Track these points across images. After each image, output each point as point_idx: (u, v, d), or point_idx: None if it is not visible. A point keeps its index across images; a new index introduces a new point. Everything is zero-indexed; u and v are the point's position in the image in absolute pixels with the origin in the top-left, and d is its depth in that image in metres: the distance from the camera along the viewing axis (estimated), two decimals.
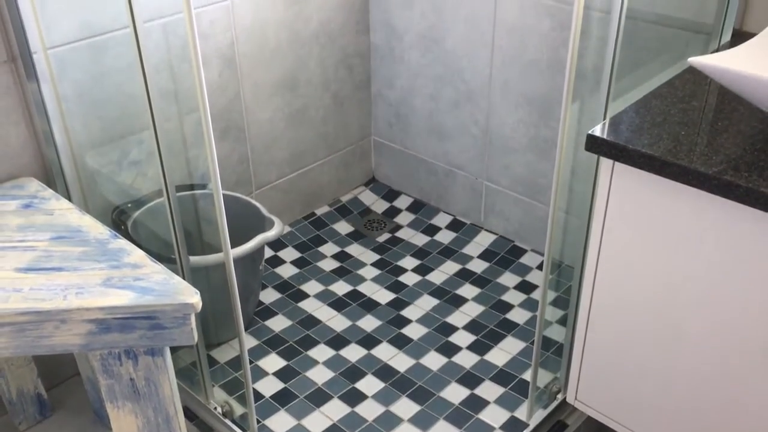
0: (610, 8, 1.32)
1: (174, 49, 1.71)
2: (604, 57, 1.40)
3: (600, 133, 1.13)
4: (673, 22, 1.55)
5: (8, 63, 1.44)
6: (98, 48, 1.59)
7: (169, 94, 1.74)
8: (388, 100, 2.30)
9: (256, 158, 2.10)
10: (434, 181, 2.31)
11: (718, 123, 1.16)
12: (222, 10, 1.83)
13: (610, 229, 1.21)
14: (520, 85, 1.94)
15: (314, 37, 2.08)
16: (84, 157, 1.62)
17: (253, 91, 2.00)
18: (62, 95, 1.54)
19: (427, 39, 2.09)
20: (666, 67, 1.42)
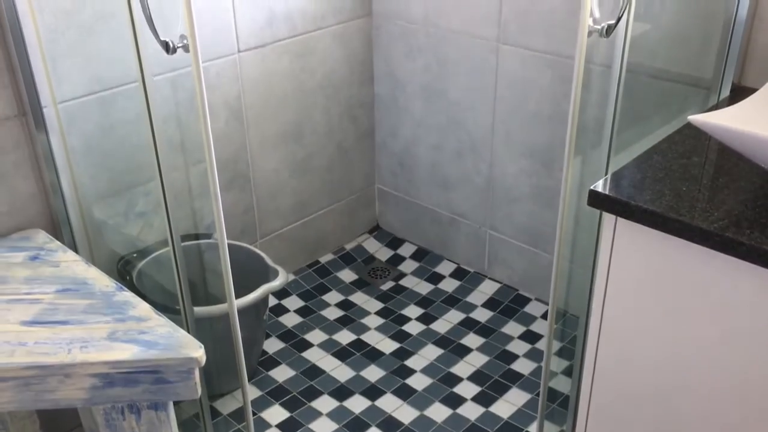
0: (610, 62, 1.34)
1: (182, 102, 1.73)
2: (605, 110, 1.42)
3: (602, 189, 1.14)
4: (673, 76, 1.57)
5: (19, 117, 1.46)
6: (107, 101, 1.62)
7: (176, 144, 1.77)
8: (392, 149, 2.33)
9: (261, 207, 2.11)
10: (438, 230, 2.32)
11: (719, 179, 1.17)
12: (229, 63, 1.87)
13: (614, 282, 1.21)
14: (522, 135, 1.97)
15: (319, 88, 2.12)
16: (91, 209, 1.64)
17: (258, 141, 2.02)
18: (71, 148, 1.56)
19: (430, 90, 2.12)
20: (667, 121, 1.44)
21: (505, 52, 1.91)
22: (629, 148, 1.37)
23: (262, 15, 1.89)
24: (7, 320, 1.23)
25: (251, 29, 1.88)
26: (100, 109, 1.61)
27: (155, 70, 1.39)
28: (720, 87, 1.49)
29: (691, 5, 1.54)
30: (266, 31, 1.91)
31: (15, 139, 1.47)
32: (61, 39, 1.50)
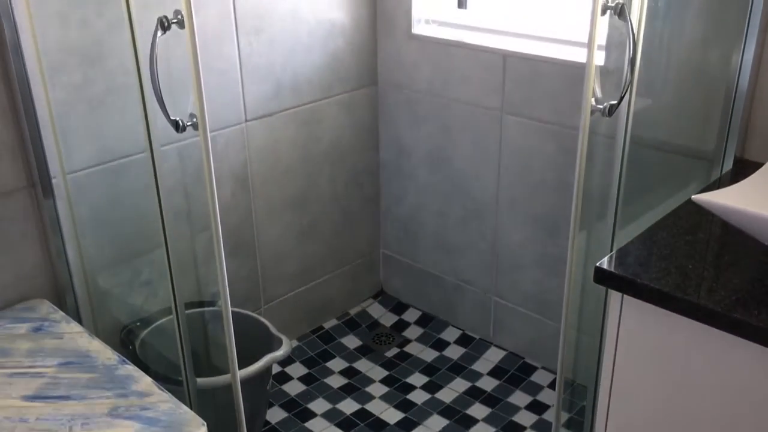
0: (614, 133, 1.36)
1: (189, 171, 1.75)
2: (609, 182, 1.43)
3: (608, 266, 1.14)
4: (676, 148, 1.59)
5: (28, 188, 1.48)
6: (115, 172, 1.63)
7: (182, 213, 1.78)
8: (396, 215, 2.34)
9: (266, 273, 2.11)
10: (443, 295, 2.31)
11: (725, 256, 1.17)
12: (236, 133, 1.89)
13: (622, 354, 1.20)
14: (526, 203, 1.98)
15: (325, 155, 2.14)
16: (96, 277, 1.64)
17: (264, 209, 2.03)
18: (78, 217, 1.58)
19: (435, 157, 2.14)
20: (671, 194, 1.45)
21: (509, 121, 1.93)
22: (634, 221, 1.37)
23: (269, 86, 1.92)
24: (9, 395, 1.22)
25: (259, 100, 1.91)
26: (108, 179, 1.63)
27: (163, 140, 1.41)
28: (722, 160, 1.51)
29: (692, 80, 1.56)
30: (273, 101, 1.95)
31: (23, 210, 1.48)
32: (72, 112, 1.53)
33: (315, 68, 2.02)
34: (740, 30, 1.45)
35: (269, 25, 1.87)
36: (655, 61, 1.46)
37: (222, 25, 1.77)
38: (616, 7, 1.08)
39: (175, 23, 1.05)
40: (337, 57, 2.06)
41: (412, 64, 2.09)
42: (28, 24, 1.40)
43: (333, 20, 2.01)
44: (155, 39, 1.07)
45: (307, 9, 1.94)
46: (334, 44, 2.04)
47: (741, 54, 1.48)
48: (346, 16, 2.04)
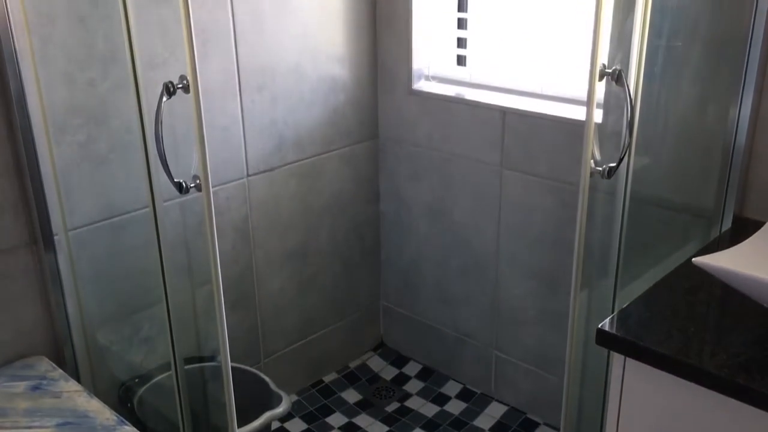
0: (614, 189, 1.37)
1: (190, 225, 1.76)
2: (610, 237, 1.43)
3: (609, 328, 1.13)
4: (675, 206, 1.60)
5: (29, 245, 1.48)
6: (117, 228, 1.64)
7: (183, 268, 1.78)
8: (397, 266, 2.34)
9: (266, 327, 2.10)
10: (444, 349, 2.29)
11: (726, 319, 1.17)
12: (238, 187, 1.90)
13: (626, 414, 1.19)
14: (527, 258, 1.98)
15: (326, 208, 2.15)
16: (95, 334, 1.63)
17: (264, 262, 2.04)
18: (79, 273, 1.58)
19: (435, 210, 2.15)
20: (671, 251, 1.45)
21: (509, 176, 1.95)
22: (635, 280, 1.38)
23: (271, 142, 1.94)
24: None
25: (261, 155, 1.93)
26: (109, 234, 1.64)
27: (165, 195, 1.42)
28: (721, 218, 1.51)
29: (690, 138, 1.58)
30: (275, 156, 1.96)
31: (24, 267, 1.49)
32: (75, 170, 1.54)
33: (316, 123, 2.04)
34: (736, 87, 1.48)
35: (272, 82, 1.90)
36: (652, 120, 1.48)
37: (226, 82, 1.80)
38: (613, 73, 1.10)
39: (180, 88, 1.07)
40: (339, 112, 2.09)
41: (412, 119, 2.12)
42: (34, 84, 1.43)
43: (334, 76, 2.04)
44: (160, 104, 1.08)
45: (309, 66, 1.97)
46: (336, 99, 2.07)
47: (737, 111, 1.50)
48: (347, 72, 2.07)
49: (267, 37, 1.85)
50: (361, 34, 2.07)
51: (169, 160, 1.30)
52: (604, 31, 1.08)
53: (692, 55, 1.52)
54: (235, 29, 1.78)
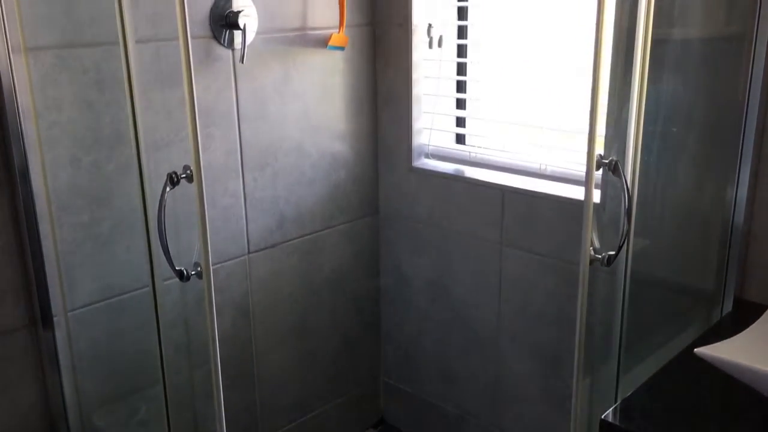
0: (614, 269, 1.37)
1: (190, 302, 1.75)
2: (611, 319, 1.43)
3: (613, 419, 1.12)
4: (676, 287, 1.60)
5: (28, 327, 1.48)
6: (117, 307, 1.64)
7: (182, 347, 1.77)
8: (397, 342, 2.32)
9: (265, 405, 2.07)
10: (445, 426, 2.25)
11: (729, 410, 1.16)
12: (239, 265, 1.91)
13: None
14: (528, 335, 1.97)
15: (326, 283, 2.15)
16: (91, 416, 1.61)
17: (264, 338, 2.02)
18: (77, 355, 1.57)
19: (436, 286, 2.15)
20: (672, 335, 1.45)
21: (508, 253, 1.95)
22: (638, 364, 1.37)
23: (273, 219, 1.96)
24: None
25: (262, 232, 1.94)
26: (109, 314, 1.63)
27: (166, 274, 1.43)
28: (722, 300, 1.51)
29: (688, 220, 1.59)
30: (276, 233, 1.97)
31: (22, 349, 1.48)
32: (77, 250, 1.55)
33: (317, 199, 2.06)
34: (732, 169, 1.50)
35: (274, 160, 1.92)
36: (651, 203, 1.49)
37: (229, 162, 1.82)
38: (610, 163, 1.12)
39: (184, 178, 1.08)
40: (340, 188, 2.11)
41: (412, 195, 2.14)
42: (40, 168, 1.45)
43: (335, 153, 2.07)
44: (164, 195, 1.10)
45: (310, 144, 2.00)
46: (337, 176, 2.09)
47: (734, 192, 1.52)
48: (348, 149, 2.10)
49: (270, 118, 1.88)
50: (362, 111, 2.11)
51: (169, 241, 1.30)
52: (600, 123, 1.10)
53: (688, 139, 1.54)
54: (239, 111, 1.81)
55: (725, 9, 1.50)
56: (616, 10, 1.38)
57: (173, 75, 1.63)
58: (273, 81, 1.87)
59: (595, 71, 1.00)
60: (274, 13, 1.83)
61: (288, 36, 1.88)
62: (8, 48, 1.34)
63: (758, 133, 1.47)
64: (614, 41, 1.41)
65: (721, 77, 1.50)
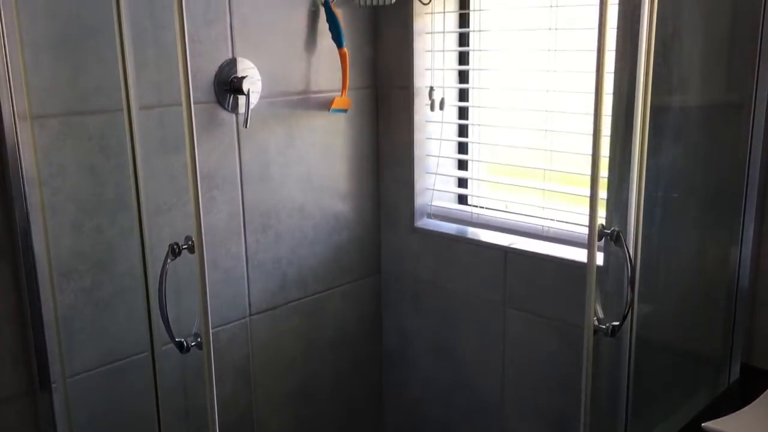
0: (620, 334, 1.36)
1: (189, 366, 1.73)
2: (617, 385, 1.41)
3: None
4: (682, 352, 1.58)
5: (27, 394, 1.46)
6: (116, 372, 1.62)
7: (181, 413, 1.74)
8: (400, 405, 2.28)
9: None
10: None
11: None
12: (240, 327, 1.89)
13: None
14: (533, 399, 1.94)
15: (328, 345, 2.13)
16: None
17: (265, 402, 1.99)
18: (75, 420, 1.54)
19: (438, 347, 2.13)
20: (680, 402, 1.42)
21: (512, 315, 1.94)
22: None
23: (274, 281, 1.95)
24: None
25: (263, 294, 1.93)
26: (108, 379, 1.61)
27: (165, 339, 1.41)
28: (729, 366, 1.49)
29: (693, 284, 1.58)
30: (278, 295, 1.96)
31: (20, 417, 1.46)
32: (77, 316, 1.54)
33: (320, 260, 2.06)
34: (736, 232, 1.49)
35: (276, 221, 1.93)
36: (654, 269, 1.48)
37: (231, 225, 1.82)
38: (612, 233, 1.12)
39: (186, 249, 1.08)
40: (342, 249, 2.11)
41: (414, 255, 2.13)
42: (42, 234, 1.45)
43: (338, 214, 2.07)
44: (165, 266, 1.09)
45: (313, 205, 2.00)
46: (339, 237, 2.09)
47: (738, 257, 1.51)
48: (350, 209, 2.11)
49: (272, 180, 1.89)
50: (364, 172, 2.13)
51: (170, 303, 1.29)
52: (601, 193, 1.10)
53: (690, 204, 1.55)
54: (242, 174, 1.82)
55: (724, 76, 1.51)
56: (615, 77, 1.40)
57: (177, 140, 1.64)
58: (276, 143, 1.89)
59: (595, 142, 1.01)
60: (278, 77, 1.86)
61: (291, 99, 1.90)
62: (14, 115, 1.36)
63: (760, 197, 1.48)
64: (614, 108, 1.42)
65: (722, 143, 1.51)
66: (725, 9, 1.49)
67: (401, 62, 2.02)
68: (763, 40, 1.41)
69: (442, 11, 1.98)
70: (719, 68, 1.51)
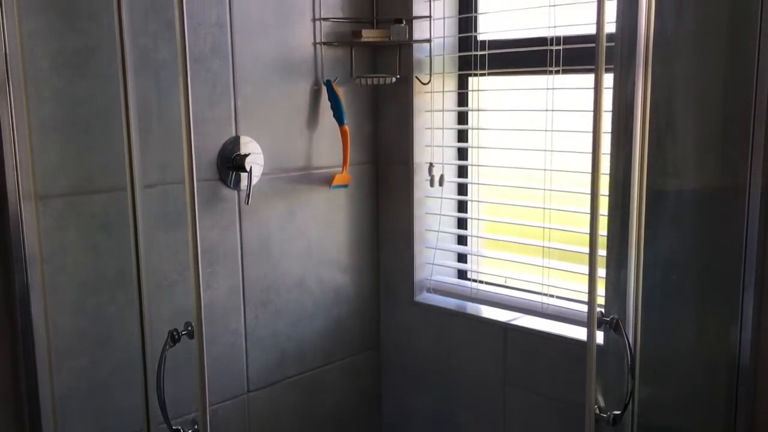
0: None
1: None
2: None
3: None
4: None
5: None
6: None
7: None
8: None
9: None
10: None
11: None
12: (237, 404, 1.87)
13: None
14: None
15: (327, 421, 2.10)
16: None
17: None
18: None
19: (438, 424, 2.10)
20: None
21: (512, 393, 1.92)
22: None
23: (273, 356, 1.94)
24: None
25: (262, 370, 1.92)
26: None
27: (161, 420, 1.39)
28: None
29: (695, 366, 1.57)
30: (276, 371, 1.95)
31: None
32: (74, 395, 1.53)
33: (319, 335, 2.05)
34: (735, 310, 1.49)
35: (276, 296, 1.93)
36: (654, 352, 1.48)
37: (231, 300, 1.82)
38: (611, 321, 1.12)
39: (185, 334, 1.08)
40: (341, 323, 2.10)
41: (414, 330, 2.12)
42: (42, 314, 1.45)
43: (338, 288, 2.08)
44: (164, 353, 1.09)
45: (313, 279, 2.01)
46: (339, 311, 2.09)
47: (738, 334, 1.50)
48: (350, 283, 2.11)
49: (273, 255, 1.90)
50: (364, 246, 2.14)
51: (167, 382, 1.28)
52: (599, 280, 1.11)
53: (689, 286, 1.55)
54: (243, 249, 1.83)
55: (718, 160, 1.54)
56: (611, 162, 1.43)
57: (179, 216, 1.65)
58: (277, 219, 1.90)
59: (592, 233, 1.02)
60: (280, 153, 1.89)
61: (293, 175, 1.93)
62: (19, 196, 1.38)
63: (758, 278, 1.47)
64: (610, 190, 1.44)
65: (718, 225, 1.52)
66: (717, 93, 1.52)
67: (401, 139, 2.06)
68: (755, 123, 1.43)
69: (442, 90, 2.02)
70: (713, 152, 1.53)
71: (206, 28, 1.69)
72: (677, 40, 1.45)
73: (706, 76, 1.48)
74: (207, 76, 1.71)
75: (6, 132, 1.34)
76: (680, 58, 1.48)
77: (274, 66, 1.84)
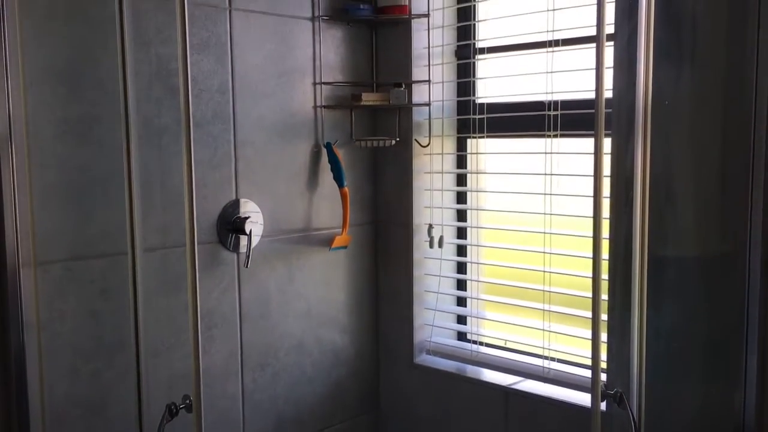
0: None
1: None
2: None
3: None
4: None
5: None
6: None
7: None
8: None
9: None
10: None
11: None
12: None
13: None
14: None
15: None
16: None
17: None
18: None
19: None
20: None
21: None
22: None
23: (271, 421, 1.91)
24: None
25: None
26: None
27: None
28: None
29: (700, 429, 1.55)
30: None
31: None
32: None
33: (317, 398, 2.02)
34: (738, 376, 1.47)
35: (275, 359, 1.91)
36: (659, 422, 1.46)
37: (228, 363, 1.80)
38: (615, 395, 1.11)
39: (183, 408, 1.06)
40: (340, 385, 2.07)
41: (413, 393, 2.09)
42: (38, 379, 1.43)
43: (337, 350, 2.05)
44: (161, 429, 1.07)
45: (311, 341, 1.99)
46: (337, 373, 2.06)
47: (743, 400, 1.49)
48: (349, 345, 2.09)
49: (272, 317, 1.89)
50: (364, 308, 2.12)
51: None
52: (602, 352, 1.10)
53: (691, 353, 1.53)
54: (241, 312, 1.82)
55: (718, 228, 1.54)
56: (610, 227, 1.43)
57: (178, 279, 1.65)
58: (276, 281, 1.89)
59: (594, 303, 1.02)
60: (280, 216, 1.89)
61: (292, 237, 1.93)
62: (18, 263, 1.37)
63: (761, 343, 1.46)
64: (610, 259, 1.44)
65: (720, 291, 1.52)
66: (715, 158, 1.53)
67: (401, 200, 2.07)
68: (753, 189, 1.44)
69: (441, 152, 2.04)
70: (713, 219, 1.54)
71: (209, 94, 1.71)
72: (675, 108, 1.47)
73: (704, 143, 1.50)
74: (208, 140, 1.72)
75: (8, 198, 1.34)
76: (678, 125, 1.49)
77: (275, 129, 1.86)
